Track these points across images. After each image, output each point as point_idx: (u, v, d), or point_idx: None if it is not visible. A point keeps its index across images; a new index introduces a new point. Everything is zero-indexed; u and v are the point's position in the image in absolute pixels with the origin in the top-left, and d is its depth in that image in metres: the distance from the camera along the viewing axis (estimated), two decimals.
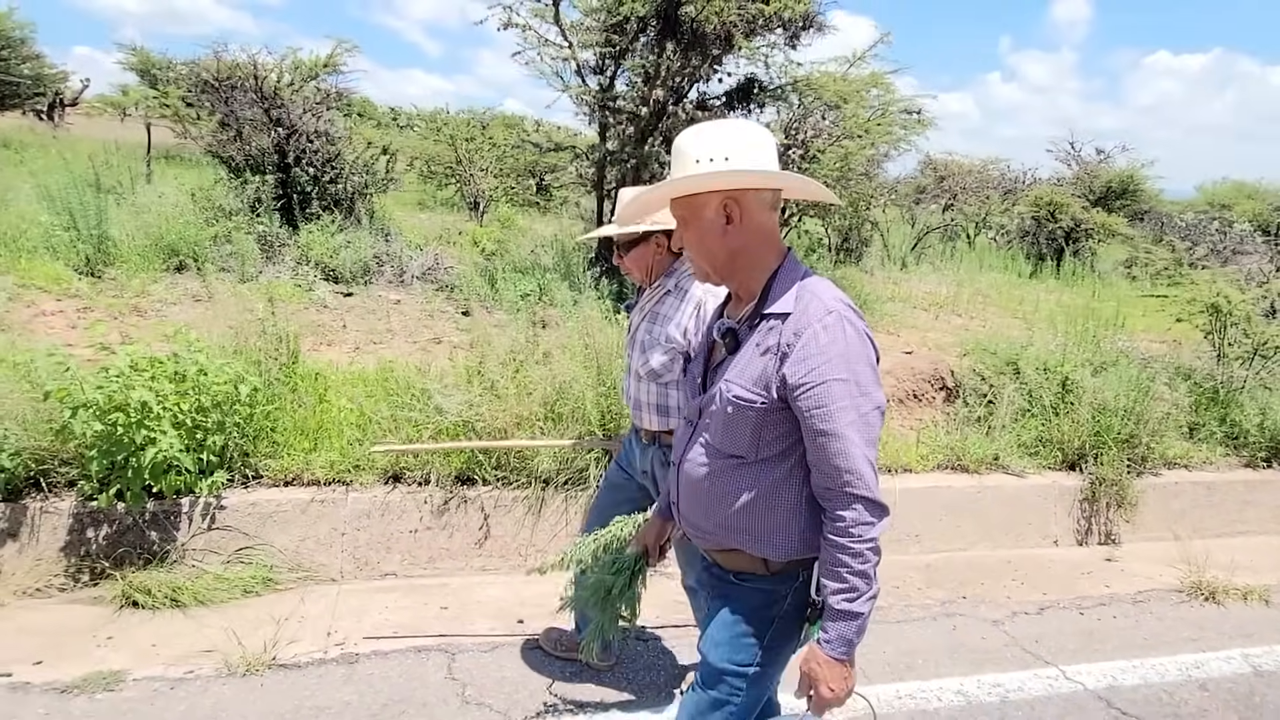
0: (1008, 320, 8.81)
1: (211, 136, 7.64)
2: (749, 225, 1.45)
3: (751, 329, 1.46)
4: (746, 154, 1.41)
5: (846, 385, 1.34)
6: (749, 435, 1.43)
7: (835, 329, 1.36)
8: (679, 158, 1.45)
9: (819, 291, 1.42)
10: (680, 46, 6.26)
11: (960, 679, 2.67)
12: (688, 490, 1.56)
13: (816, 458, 1.37)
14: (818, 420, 1.34)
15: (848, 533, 1.35)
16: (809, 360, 1.34)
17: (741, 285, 1.51)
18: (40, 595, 3.07)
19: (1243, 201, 21.74)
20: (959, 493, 4.40)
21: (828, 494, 1.38)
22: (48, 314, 5.06)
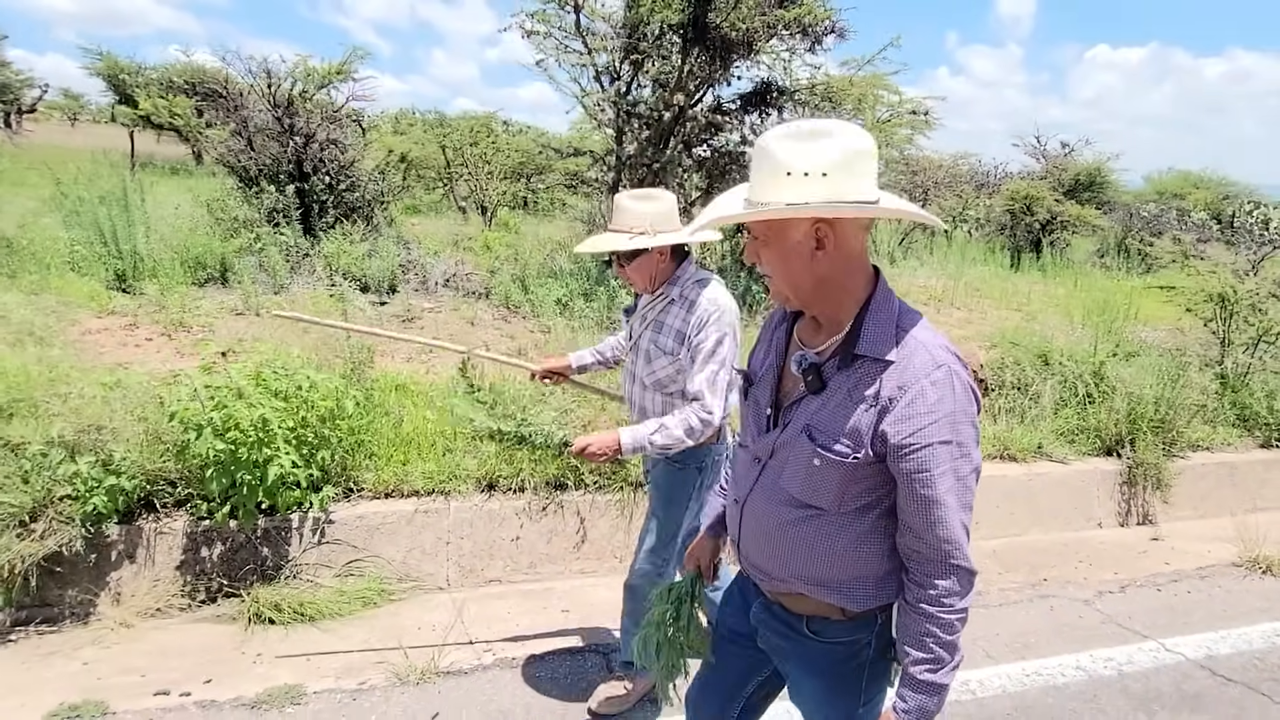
0: (1005, 313, 9.14)
1: (224, 146, 7.53)
2: (841, 251, 1.30)
3: (840, 369, 1.33)
4: (850, 170, 1.24)
5: (951, 448, 1.25)
6: (835, 489, 1.33)
7: (944, 385, 1.25)
8: (767, 165, 1.26)
9: (924, 339, 1.30)
10: (707, 53, 6.39)
11: (1075, 655, 2.86)
12: (753, 534, 1.46)
13: (912, 521, 1.29)
14: (919, 485, 1.25)
15: (939, 602, 1.28)
16: (914, 420, 1.24)
17: (825, 314, 1.37)
18: (161, 615, 3.07)
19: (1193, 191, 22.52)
20: (1013, 481, 4.61)
21: (919, 559, 1.30)
22: (93, 331, 4.99)
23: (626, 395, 2.50)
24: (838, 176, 1.22)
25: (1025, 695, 2.60)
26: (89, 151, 14.91)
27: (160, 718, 2.32)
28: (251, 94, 7.68)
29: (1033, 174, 18.32)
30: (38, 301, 5.06)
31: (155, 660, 2.68)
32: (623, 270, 2.34)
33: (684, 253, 2.36)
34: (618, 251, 2.28)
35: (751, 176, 1.31)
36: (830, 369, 1.34)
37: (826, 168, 1.22)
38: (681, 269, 2.34)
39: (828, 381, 1.34)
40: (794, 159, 1.23)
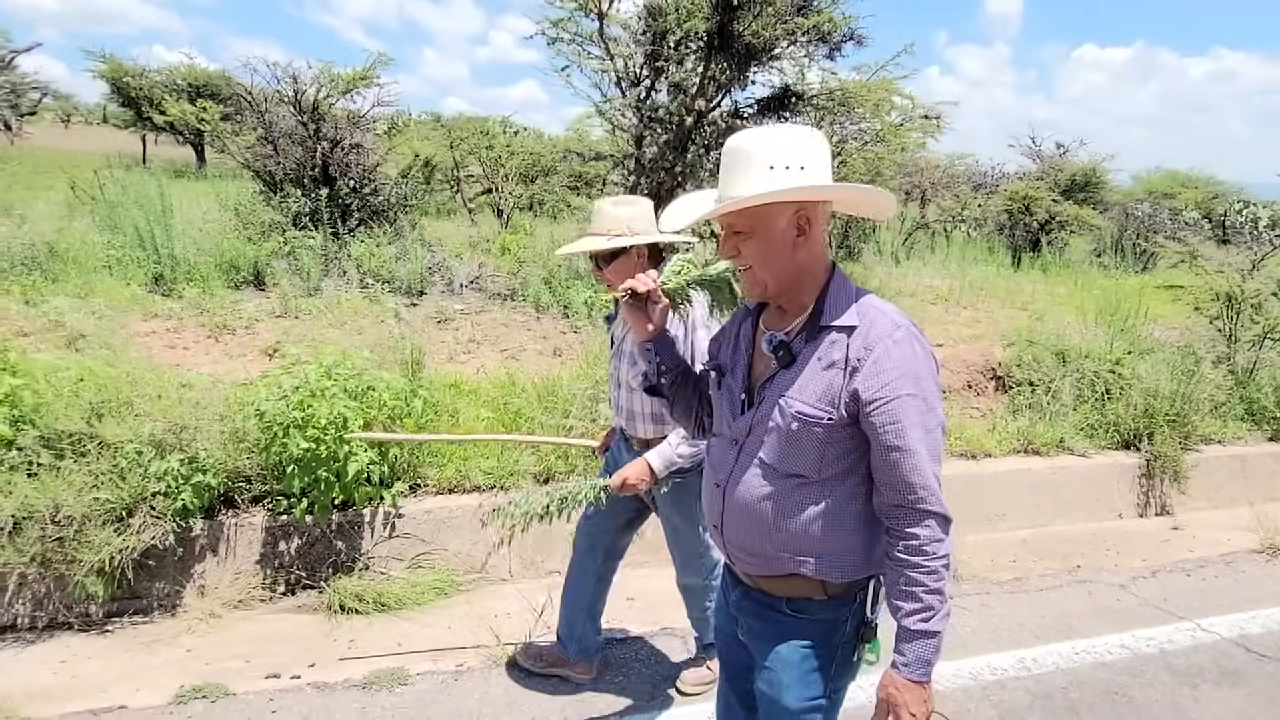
0: (1011, 312, 9.33)
1: (249, 151, 7.62)
2: (814, 238, 1.42)
3: (808, 342, 1.42)
4: (821, 163, 1.38)
5: (916, 401, 1.32)
6: (813, 453, 1.39)
7: (906, 344, 1.35)
8: (742, 162, 1.37)
9: (882, 307, 1.41)
10: (729, 60, 6.55)
11: (1118, 635, 3.04)
12: (737, 513, 1.48)
13: (886, 475, 1.34)
14: (890, 436, 1.32)
15: (921, 550, 1.32)
16: (882, 374, 1.33)
17: (793, 299, 1.46)
18: (244, 607, 3.21)
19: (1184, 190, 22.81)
20: (1037, 474, 4.80)
21: (897, 511, 1.35)
22: (141, 334, 5.10)
23: (613, 400, 2.54)
24: (813, 169, 1.35)
25: (1077, 671, 2.78)
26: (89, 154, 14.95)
27: (279, 698, 2.46)
28: (274, 100, 7.77)
29: (1029, 174, 18.59)
30: (85, 305, 5.17)
31: (254, 647, 2.82)
32: (601, 273, 2.37)
33: (660, 255, 2.40)
34: (597, 254, 2.32)
35: (724, 176, 1.39)
36: (799, 344, 1.43)
37: (804, 162, 1.35)
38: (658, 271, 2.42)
39: (797, 355, 1.42)
40: (774, 154, 1.34)
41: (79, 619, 3.03)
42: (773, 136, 1.37)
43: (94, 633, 2.96)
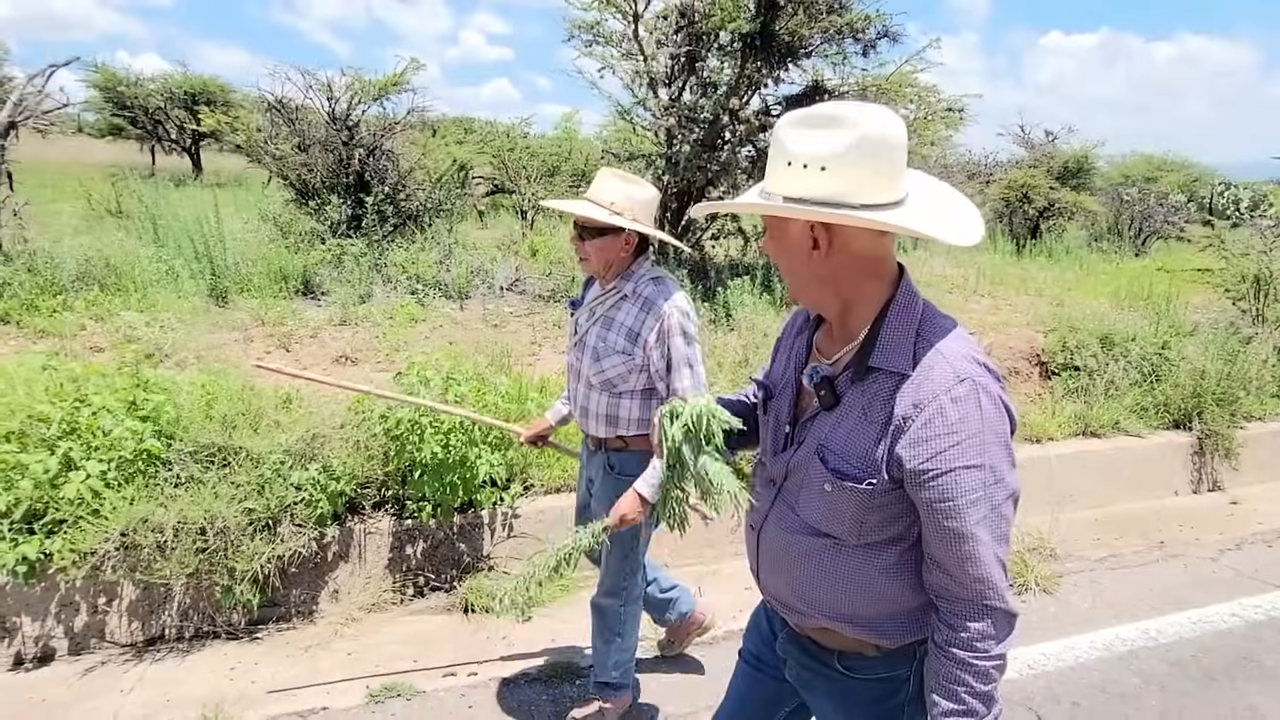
0: (1028, 299, 9.54)
1: (283, 160, 7.62)
2: (842, 253, 1.17)
3: (854, 383, 1.21)
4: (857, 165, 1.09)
5: (979, 473, 1.10)
6: (850, 518, 1.21)
7: (968, 403, 1.11)
8: (776, 149, 1.16)
9: (946, 349, 1.15)
10: (766, 59, 6.66)
11: (1226, 605, 3.20)
12: (771, 563, 1.36)
13: (939, 555, 1.15)
14: (943, 517, 1.12)
15: (972, 647, 1.13)
16: (933, 442, 1.11)
17: (836, 318, 1.26)
18: (378, 610, 3.28)
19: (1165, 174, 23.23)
20: (1099, 456, 4.97)
21: (948, 597, 1.16)
22: (213, 347, 5.11)
23: (570, 394, 2.40)
24: (840, 172, 1.09)
25: (1201, 640, 2.94)
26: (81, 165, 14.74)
27: (470, 694, 2.55)
28: (305, 109, 7.78)
29: (1023, 162, 18.90)
30: (153, 319, 5.17)
31: (412, 648, 2.89)
32: (581, 245, 2.21)
33: (644, 249, 2.27)
34: (585, 224, 2.17)
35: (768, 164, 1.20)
36: (844, 383, 1.22)
37: (827, 160, 1.09)
38: (637, 264, 2.24)
39: (842, 396, 1.22)
40: (795, 147, 1.12)
41: (224, 628, 3.09)
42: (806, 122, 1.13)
43: (244, 640, 3.02)
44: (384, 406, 3.37)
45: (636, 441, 2.29)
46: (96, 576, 2.89)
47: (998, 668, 1.15)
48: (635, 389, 2.23)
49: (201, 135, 16.91)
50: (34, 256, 5.53)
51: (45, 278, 5.38)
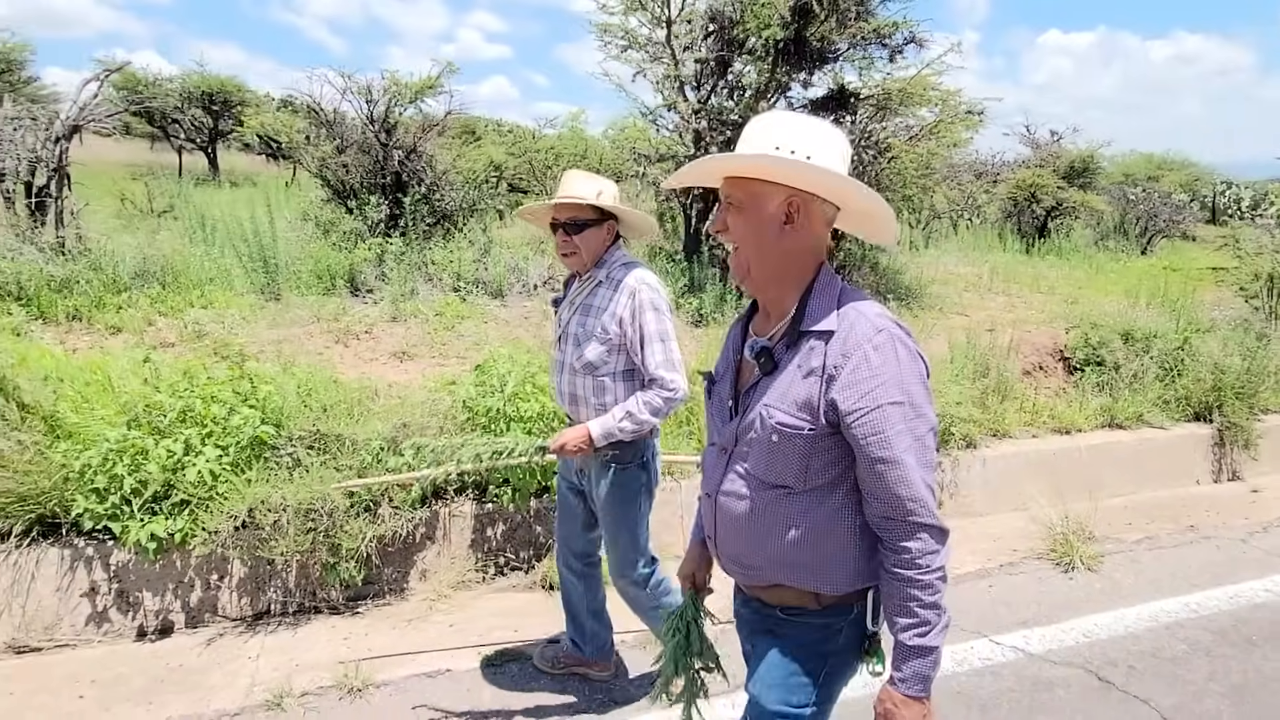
0: (1041, 296, 9.78)
1: (325, 161, 7.81)
2: (804, 232, 1.36)
3: (789, 348, 1.37)
4: (831, 159, 1.32)
5: (902, 408, 1.26)
6: (796, 464, 1.34)
7: (886, 349, 1.29)
8: (755, 135, 1.35)
9: (864, 309, 1.33)
10: (797, 63, 6.88)
11: (1260, 581, 3.43)
12: (727, 524, 1.46)
13: (874, 486, 1.29)
14: (874, 448, 1.26)
15: (914, 564, 1.27)
16: (861, 384, 1.27)
17: (775, 297, 1.42)
18: (464, 588, 3.49)
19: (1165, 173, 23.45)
20: (1125, 447, 5.20)
21: (888, 524, 1.30)
22: (275, 341, 5.32)
23: (555, 385, 2.49)
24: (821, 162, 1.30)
25: (1237, 613, 3.16)
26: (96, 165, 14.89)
27: None
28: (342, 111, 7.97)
29: (1029, 162, 19.14)
30: (215, 315, 5.38)
31: (510, 620, 3.11)
32: (569, 241, 2.30)
33: (616, 239, 2.40)
34: (568, 221, 2.27)
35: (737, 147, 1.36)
36: (780, 350, 1.38)
37: (812, 152, 1.30)
38: (609, 252, 2.36)
39: (779, 361, 1.37)
40: (783, 136, 1.31)
41: (324, 603, 3.30)
42: (790, 121, 1.35)
43: (345, 615, 3.23)
44: (466, 396, 3.58)
45: None
46: (212, 554, 3.10)
47: (939, 578, 1.29)
48: (616, 370, 2.32)
49: (218, 134, 17.09)
50: (98, 255, 5.72)
51: (108, 276, 5.58)
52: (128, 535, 2.91)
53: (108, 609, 3.05)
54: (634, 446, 2.37)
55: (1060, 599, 3.28)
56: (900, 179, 7.94)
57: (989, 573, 3.55)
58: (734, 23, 7.13)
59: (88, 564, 3.03)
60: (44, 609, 2.98)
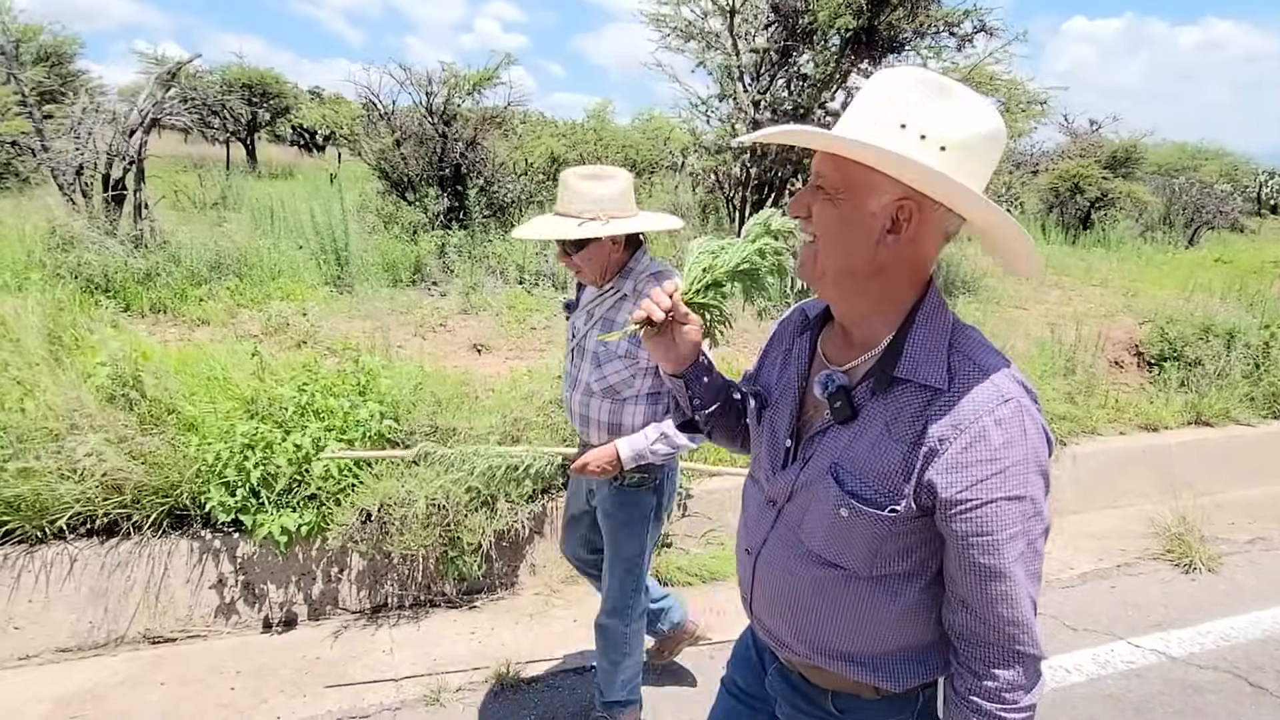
0: (1094, 289, 9.65)
1: (383, 154, 7.82)
2: (913, 244, 1.04)
3: (875, 394, 1.07)
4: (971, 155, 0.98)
5: (1021, 505, 0.99)
6: (864, 546, 1.08)
7: (1013, 425, 0.99)
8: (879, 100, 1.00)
9: (985, 363, 1.03)
10: (865, 53, 6.78)
11: None
12: (769, 596, 1.22)
13: (967, 595, 1.03)
14: (979, 551, 1.00)
15: (1000, 698, 1.03)
16: (974, 469, 0.98)
17: (859, 317, 1.11)
18: (572, 583, 3.48)
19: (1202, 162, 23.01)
20: (1215, 444, 5.12)
21: (973, 641, 1.05)
22: (355, 334, 5.34)
23: (566, 402, 2.24)
24: (956, 157, 0.97)
25: None
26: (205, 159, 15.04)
27: (718, 655, 2.75)
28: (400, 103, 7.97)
29: (1068, 152, 18.84)
30: (297, 308, 5.41)
31: None
32: (569, 260, 2.05)
33: (638, 241, 2.12)
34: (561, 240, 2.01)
35: (848, 112, 1.03)
36: (863, 394, 1.09)
37: (948, 140, 0.96)
38: (635, 259, 2.08)
39: (859, 410, 1.08)
40: (915, 114, 0.97)
41: (439, 597, 3.31)
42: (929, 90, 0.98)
43: (463, 609, 3.24)
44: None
45: None
46: (334, 547, 3.12)
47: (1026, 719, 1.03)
48: (640, 393, 2.09)
49: (257, 126, 17.19)
50: (175, 248, 5.76)
51: (187, 268, 5.62)
52: (260, 528, 2.94)
53: (235, 600, 3.08)
54: (644, 468, 2.13)
55: (1187, 601, 3.23)
56: None
57: (1107, 573, 3.50)
58: (799, 12, 7.04)
59: (215, 556, 3.06)
60: (176, 600, 3.01)
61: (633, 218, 2.01)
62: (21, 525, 2.85)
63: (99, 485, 2.89)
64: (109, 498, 2.92)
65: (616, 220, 1.96)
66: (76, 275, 5.14)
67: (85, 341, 3.89)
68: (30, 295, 4.17)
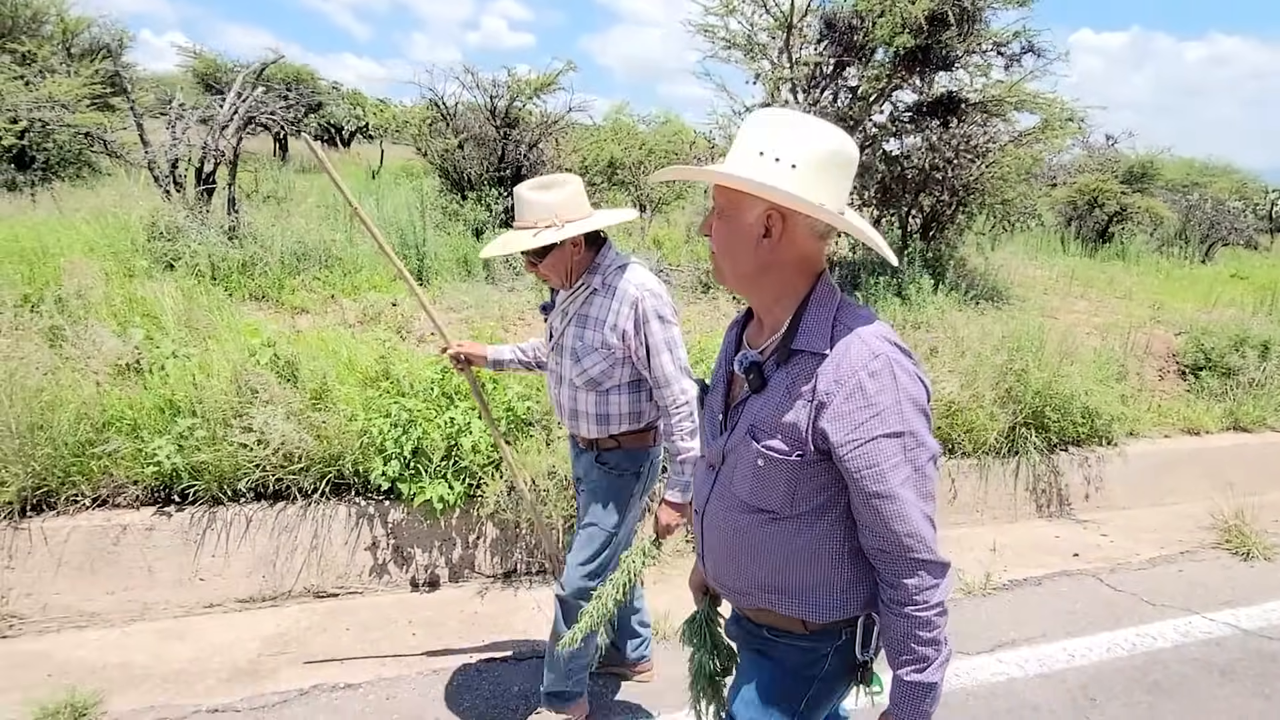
0: (1118, 302, 9.95)
1: (447, 154, 8.12)
2: (787, 246, 1.26)
3: (779, 365, 1.29)
4: (822, 171, 1.21)
5: (900, 440, 1.19)
6: (782, 489, 1.28)
7: (883, 375, 1.19)
8: (745, 138, 1.25)
9: (861, 331, 1.24)
10: (916, 70, 7.11)
11: None
12: (713, 545, 1.43)
13: (869, 520, 1.23)
14: (869, 481, 1.19)
15: (912, 600, 1.22)
16: (854, 414, 1.19)
17: (764, 308, 1.35)
18: (679, 555, 3.79)
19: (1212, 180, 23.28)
20: (1252, 448, 5.43)
21: (884, 558, 1.24)
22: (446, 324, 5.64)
23: (553, 399, 2.33)
24: (807, 174, 1.19)
25: None
26: None
27: None
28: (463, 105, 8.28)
29: (1084, 166, 19.16)
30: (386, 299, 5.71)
31: None
32: (536, 269, 2.17)
33: (601, 239, 2.22)
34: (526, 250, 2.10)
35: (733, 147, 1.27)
36: (770, 367, 1.31)
37: (798, 160, 1.19)
38: (601, 255, 2.18)
39: (768, 379, 1.30)
40: (768, 142, 1.21)
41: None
42: (782, 123, 1.24)
43: None
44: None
45: (628, 439, 2.25)
46: (478, 515, 3.42)
47: (939, 614, 1.23)
48: (621, 383, 2.18)
49: (290, 122, 17.49)
50: (267, 239, 6.06)
51: (280, 259, 5.92)
52: (420, 494, 3.24)
53: (386, 562, 3.38)
54: (631, 455, 2.26)
55: (1250, 583, 3.54)
56: (1002, 183, 8.15)
57: (1173, 559, 3.82)
58: (852, 29, 7.36)
59: (370, 521, 3.36)
60: (336, 560, 3.31)
61: (586, 218, 2.11)
62: (208, 487, 3.15)
63: (276, 454, 3.19)
64: (284, 465, 3.22)
65: (571, 224, 2.07)
66: (181, 263, 5.43)
67: (224, 324, 4.20)
68: (165, 282, 4.47)
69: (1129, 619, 3.20)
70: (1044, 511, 4.66)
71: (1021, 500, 4.64)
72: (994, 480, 4.61)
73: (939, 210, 8.57)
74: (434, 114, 8.26)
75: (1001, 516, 4.56)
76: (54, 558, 2.97)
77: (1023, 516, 4.59)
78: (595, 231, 2.17)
